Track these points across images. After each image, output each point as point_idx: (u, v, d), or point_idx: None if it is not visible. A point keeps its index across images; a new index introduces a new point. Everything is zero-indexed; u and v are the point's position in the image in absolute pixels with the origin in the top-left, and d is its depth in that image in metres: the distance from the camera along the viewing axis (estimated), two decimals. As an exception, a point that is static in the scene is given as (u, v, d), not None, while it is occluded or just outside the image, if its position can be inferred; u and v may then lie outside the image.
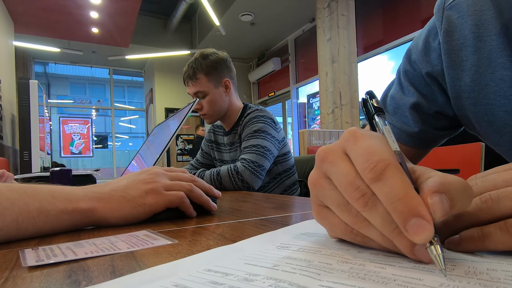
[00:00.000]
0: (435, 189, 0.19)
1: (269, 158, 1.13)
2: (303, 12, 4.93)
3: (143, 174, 0.46)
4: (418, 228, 0.18)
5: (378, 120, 0.27)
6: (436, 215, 0.19)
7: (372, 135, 0.24)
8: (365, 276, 0.18)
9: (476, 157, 0.86)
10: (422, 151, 0.54)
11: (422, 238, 0.18)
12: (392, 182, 0.20)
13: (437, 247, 0.18)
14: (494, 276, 0.17)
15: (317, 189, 0.25)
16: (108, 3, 4.03)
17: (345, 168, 0.23)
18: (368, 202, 0.21)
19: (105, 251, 0.28)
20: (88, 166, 7.58)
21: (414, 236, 0.18)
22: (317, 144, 3.61)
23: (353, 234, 0.24)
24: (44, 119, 3.07)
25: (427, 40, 0.46)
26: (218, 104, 1.26)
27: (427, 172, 0.22)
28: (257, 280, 0.19)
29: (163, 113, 6.48)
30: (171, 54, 5.89)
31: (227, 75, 1.28)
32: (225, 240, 0.32)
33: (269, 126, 1.18)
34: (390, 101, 0.53)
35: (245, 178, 1.06)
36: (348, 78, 3.83)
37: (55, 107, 7.97)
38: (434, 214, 0.19)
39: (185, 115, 0.72)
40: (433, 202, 0.19)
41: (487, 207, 0.21)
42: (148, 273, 0.21)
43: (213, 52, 1.27)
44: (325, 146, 0.26)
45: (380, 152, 0.22)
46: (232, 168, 1.08)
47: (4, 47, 3.69)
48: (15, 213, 0.34)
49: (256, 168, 1.08)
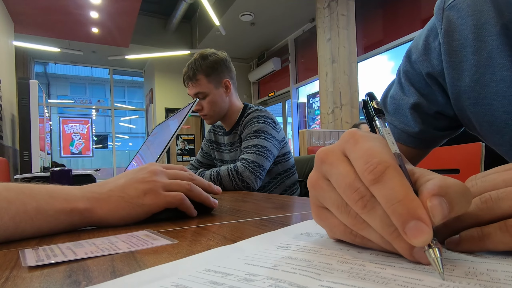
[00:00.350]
0: (434, 192, 0.19)
1: (269, 158, 1.13)
2: (303, 12, 4.93)
3: (141, 172, 0.46)
4: (416, 231, 0.18)
5: (378, 122, 0.27)
6: (435, 218, 0.19)
7: (371, 137, 0.24)
8: (365, 276, 0.18)
9: (476, 157, 0.86)
10: (422, 152, 0.54)
11: (420, 241, 0.18)
12: (392, 184, 0.20)
13: (435, 250, 0.18)
14: (494, 276, 0.17)
15: (316, 190, 0.25)
16: (108, 3, 4.03)
17: (344, 170, 0.23)
18: (367, 204, 0.21)
19: (105, 251, 0.28)
20: (88, 166, 7.58)
21: (413, 239, 0.18)
22: (317, 144, 3.61)
23: (352, 235, 0.24)
24: (44, 119, 3.07)
25: (427, 40, 0.46)
26: (219, 104, 1.26)
27: (426, 175, 0.22)
28: (257, 280, 0.19)
29: (163, 113, 6.48)
30: (171, 54, 5.88)
31: (227, 75, 1.28)
32: (225, 240, 0.32)
33: (269, 126, 1.18)
34: (390, 101, 0.53)
35: (245, 178, 1.06)
36: (348, 78, 3.83)
37: (55, 107, 7.96)
38: (433, 217, 0.19)
39: (185, 115, 0.72)
40: (432, 205, 0.19)
41: (487, 207, 0.21)
42: (148, 273, 0.21)
43: (212, 52, 1.26)
44: (325, 147, 0.26)
45: (379, 154, 0.22)
46: (232, 168, 1.08)
47: (4, 47, 3.69)
48: (12, 213, 0.34)
49: (256, 168, 1.07)
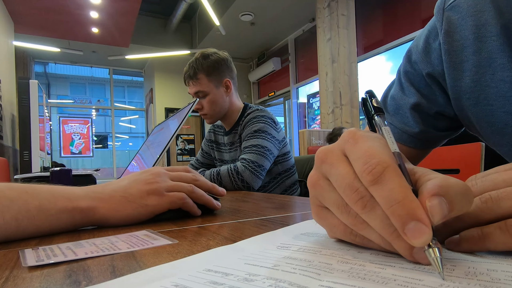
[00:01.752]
0: (434, 192, 0.19)
1: (269, 158, 1.13)
2: (303, 12, 4.93)
3: (144, 174, 0.46)
4: (416, 232, 0.18)
5: (378, 120, 0.27)
6: (435, 218, 0.19)
7: (371, 137, 0.24)
8: (365, 276, 0.18)
9: (476, 157, 0.86)
10: (423, 152, 0.54)
11: (420, 241, 0.18)
12: (391, 185, 0.20)
13: (435, 250, 0.18)
14: (494, 276, 0.17)
15: (316, 190, 0.25)
16: (108, 3, 4.03)
17: (344, 170, 0.23)
18: (366, 204, 0.21)
19: (105, 251, 0.28)
20: (88, 166, 7.58)
21: (412, 240, 0.18)
22: (317, 144, 3.61)
23: (352, 235, 0.24)
24: (44, 119, 3.07)
25: (427, 41, 0.46)
26: (219, 104, 1.26)
27: (427, 174, 0.22)
28: (257, 280, 0.19)
29: (163, 113, 6.48)
30: (171, 54, 5.88)
31: (228, 75, 1.28)
32: (225, 240, 0.32)
33: (269, 126, 1.18)
34: (390, 101, 0.53)
35: (245, 178, 1.06)
36: (348, 78, 3.83)
37: (55, 107, 7.96)
38: (432, 217, 0.19)
39: (185, 115, 0.72)
40: (431, 205, 0.19)
41: (487, 207, 0.21)
42: (148, 273, 0.21)
43: (214, 52, 1.27)
44: (325, 147, 0.26)
45: (379, 154, 0.21)
46: (232, 168, 1.08)
47: (4, 47, 3.69)
48: (14, 211, 0.34)
49: (256, 168, 1.07)
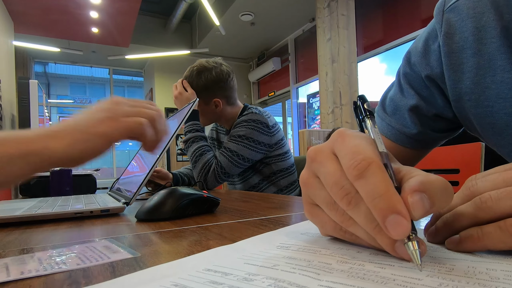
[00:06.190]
0: (416, 188, 0.20)
1: (241, 166, 1.16)
2: (303, 12, 4.92)
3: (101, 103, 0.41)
4: (395, 224, 0.19)
5: (368, 122, 0.28)
6: (416, 213, 0.20)
7: (358, 135, 0.25)
8: (364, 276, 0.19)
9: (476, 157, 0.86)
10: (421, 152, 0.54)
11: (399, 233, 0.19)
12: (374, 180, 0.21)
13: (414, 243, 0.19)
14: (493, 276, 0.17)
15: (307, 188, 0.26)
16: (108, 3, 4.03)
17: (332, 168, 0.24)
18: (351, 201, 0.22)
19: (48, 269, 0.24)
20: (88, 166, 7.56)
21: (392, 232, 0.19)
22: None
23: (342, 232, 0.25)
24: (44, 119, 3.07)
25: (426, 43, 0.46)
26: (207, 116, 1.27)
27: (411, 172, 0.22)
28: (256, 280, 0.19)
29: (163, 113, 6.47)
30: (171, 54, 5.88)
31: (220, 95, 1.24)
32: (225, 240, 0.32)
33: (257, 131, 1.15)
34: (389, 102, 0.53)
35: (207, 177, 1.13)
36: (348, 78, 3.83)
37: (55, 107, 7.95)
38: (414, 212, 0.19)
39: (185, 115, 0.72)
40: (413, 200, 0.20)
41: (487, 207, 0.21)
42: (148, 273, 0.21)
43: (213, 66, 1.22)
44: (315, 146, 0.27)
45: (364, 151, 0.22)
46: (211, 160, 1.13)
47: (4, 47, 3.69)
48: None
49: (220, 174, 1.13)
